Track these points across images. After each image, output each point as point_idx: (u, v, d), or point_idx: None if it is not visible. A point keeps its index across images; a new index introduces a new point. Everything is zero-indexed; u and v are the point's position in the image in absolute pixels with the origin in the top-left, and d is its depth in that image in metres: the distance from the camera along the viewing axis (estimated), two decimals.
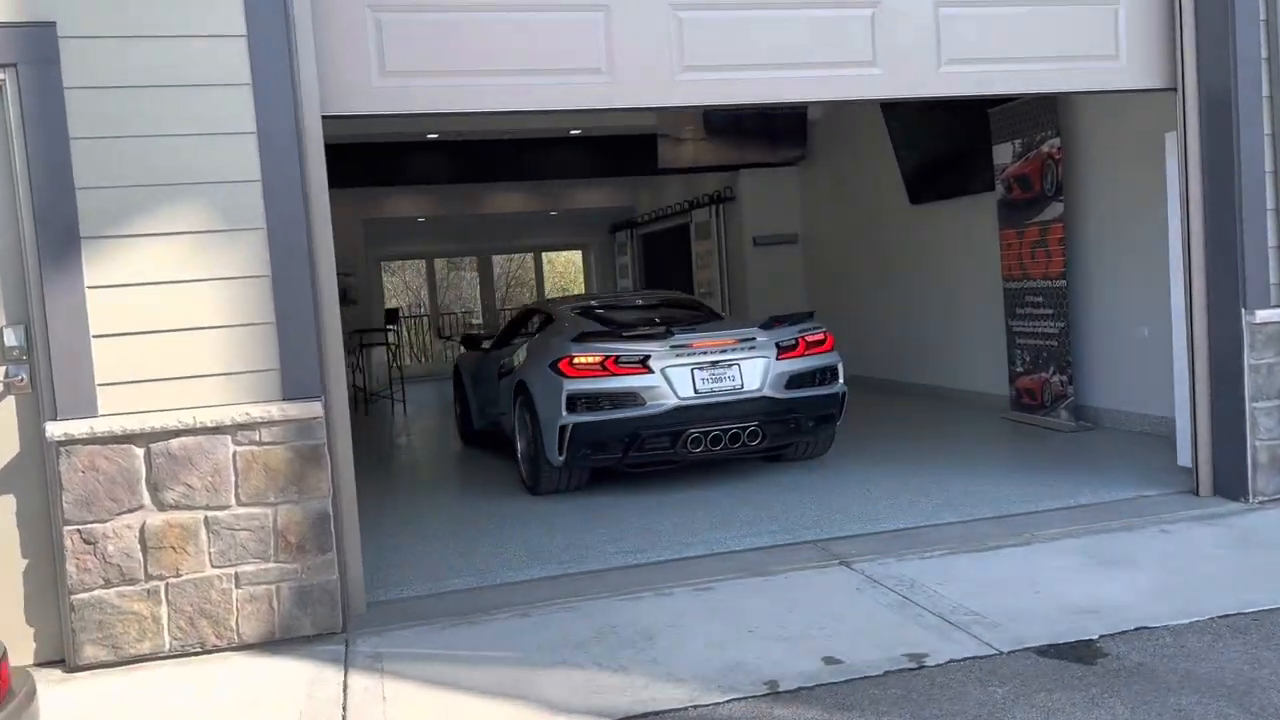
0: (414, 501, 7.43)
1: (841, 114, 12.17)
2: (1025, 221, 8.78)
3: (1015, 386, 9.13)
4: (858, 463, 7.66)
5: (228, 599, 4.46)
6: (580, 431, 6.86)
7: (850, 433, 8.93)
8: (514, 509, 6.95)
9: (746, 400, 7.01)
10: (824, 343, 7.45)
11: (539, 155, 12.71)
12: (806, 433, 7.40)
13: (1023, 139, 8.70)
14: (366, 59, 4.83)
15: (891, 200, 11.18)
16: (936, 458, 7.61)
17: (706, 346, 7.07)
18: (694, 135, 12.31)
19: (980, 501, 6.20)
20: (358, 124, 11.44)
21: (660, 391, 6.89)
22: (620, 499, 6.97)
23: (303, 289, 4.53)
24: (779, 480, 7.23)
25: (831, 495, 6.68)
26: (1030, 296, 8.80)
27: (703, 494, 6.95)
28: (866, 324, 12.02)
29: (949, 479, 6.86)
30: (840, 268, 12.58)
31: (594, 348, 7.00)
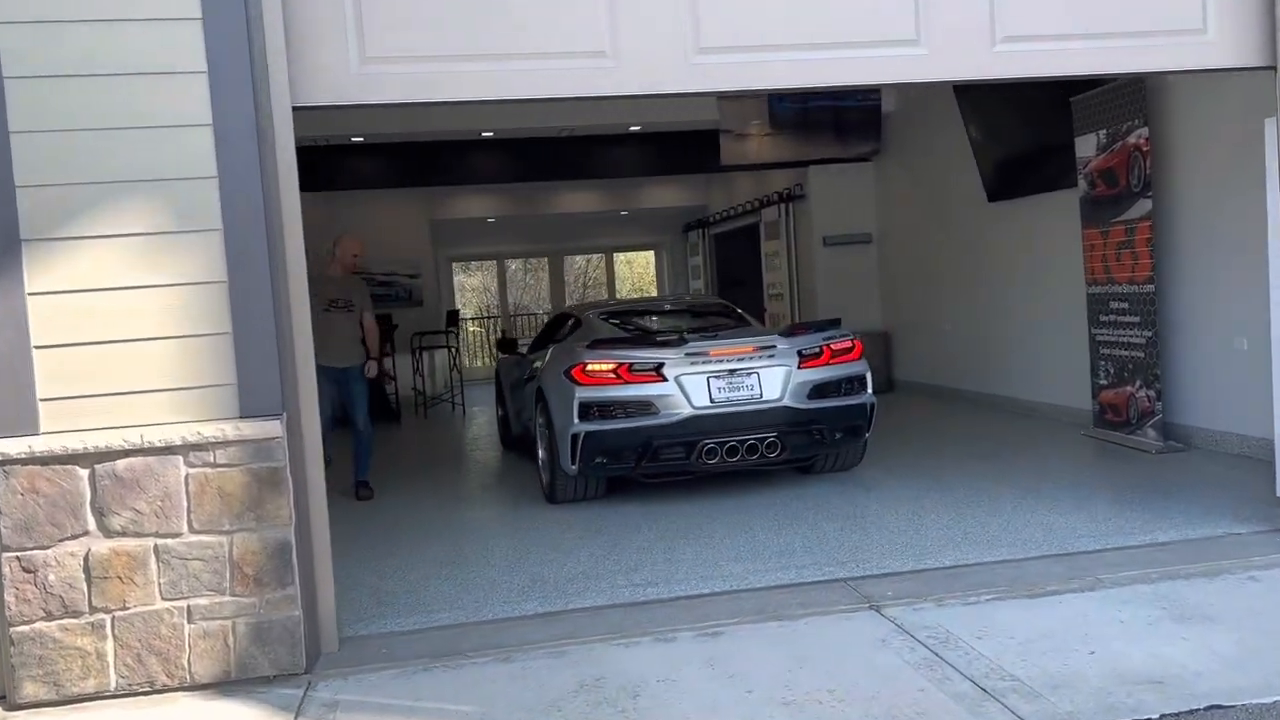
0: (433, 513, 7.03)
1: (918, 105, 11.44)
2: (1110, 220, 7.98)
3: (1098, 401, 8.33)
4: (914, 483, 7.00)
5: (179, 635, 4.08)
6: (592, 440, 6.48)
7: (913, 448, 8.26)
8: (530, 524, 6.50)
9: (765, 410, 6.57)
10: (851, 350, 6.91)
11: (601, 153, 12.26)
12: (831, 445, 6.86)
13: (1108, 129, 7.91)
14: (344, 45, 4.40)
15: (969, 198, 10.43)
16: (1003, 481, 6.90)
17: (723, 354, 6.62)
18: (759, 130, 11.71)
19: (1044, 535, 5.52)
20: (416, 120, 11.22)
21: (674, 400, 6.47)
22: (644, 517, 6.46)
23: (262, 296, 4.12)
24: (823, 503, 6.62)
25: (877, 522, 6.05)
26: (1115, 302, 8.00)
27: (736, 516, 6.39)
28: (950, 334, 11.26)
29: (1012, 506, 6.18)
30: (915, 270, 11.83)
31: (607, 355, 6.60)
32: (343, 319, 7.40)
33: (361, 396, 7.48)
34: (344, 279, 7.56)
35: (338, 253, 7.55)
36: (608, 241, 19.73)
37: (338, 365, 7.25)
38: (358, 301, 7.56)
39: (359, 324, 7.54)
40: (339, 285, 7.48)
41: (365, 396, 7.51)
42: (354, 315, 7.48)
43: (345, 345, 7.38)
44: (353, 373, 7.44)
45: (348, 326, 7.44)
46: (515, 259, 20.74)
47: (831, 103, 11.73)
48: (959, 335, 10.95)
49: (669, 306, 8.38)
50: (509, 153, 12.03)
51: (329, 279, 7.43)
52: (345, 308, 7.43)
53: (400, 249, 15.29)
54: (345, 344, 7.38)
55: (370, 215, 15.06)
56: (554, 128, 11.44)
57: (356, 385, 7.45)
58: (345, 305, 7.44)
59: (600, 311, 8.07)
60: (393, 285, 15.30)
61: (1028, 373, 9.74)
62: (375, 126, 11.00)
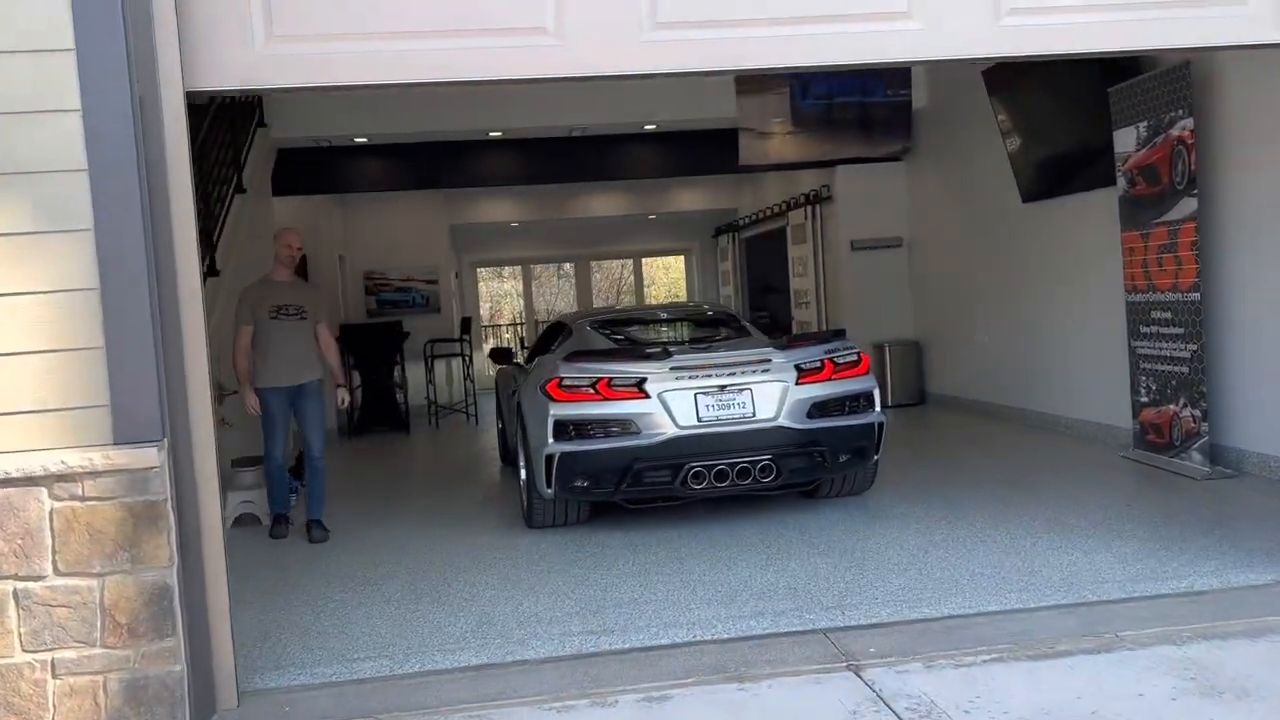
0: (404, 539, 6.50)
1: (949, 100, 10.74)
2: (1151, 221, 7.25)
3: (1139, 420, 7.59)
4: (926, 511, 6.34)
5: (42, 692, 3.57)
6: (568, 462, 5.93)
7: (933, 469, 7.59)
8: (500, 554, 5.94)
9: (758, 430, 5.97)
10: (857, 365, 6.28)
11: (617, 153, 11.71)
12: (834, 469, 6.23)
13: (1148, 121, 7.18)
14: (247, 21, 3.88)
15: (1003, 199, 9.71)
16: (1025, 510, 6.21)
17: (711, 368, 5.99)
18: (780, 128, 11.08)
19: (1062, 578, 4.84)
20: (422, 120, 10.77)
21: (656, 419, 5.90)
22: (623, 548, 5.88)
23: (140, 305, 3.60)
24: (820, 533, 5.98)
25: (876, 558, 5.40)
26: (1156, 312, 7.26)
27: (722, 547, 5.78)
28: (975, 340, 10.54)
29: (1031, 541, 5.50)
30: (948, 276, 11.11)
31: (584, 368, 6.02)
32: (293, 329, 6.54)
33: (317, 419, 6.64)
34: (295, 283, 6.79)
35: (277, 249, 6.66)
36: (636, 246, 19.17)
37: (288, 383, 6.52)
38: (311, 308, 6.66)
39: (313, 335, 6.66)
40: (288, 290, 6.66)
41: (322, 419, 6.74)
42: (307, 324, 6.61)
43: (297, 359, 6.54)
44: (308, 390, 6.58)
45: (299, 337, 6.58)
46: (541, 264, 20.23)
47: (858, 99, 11.08)
48: (993, 346, 10.22)
49: (665, 315, 7.80)
50: (521, 153, 11.53)
51: (274, 283, 6.62)
52: (297, 315, 6.57)
53: (417, 254, 14.88)
54: (297, 358, 6.54)
55: (386, 219, 14.68)
56: (563, 127, 10.92)
57: (312, 405, 6.59)
58: (296, 312, 6.58)
59: (591, 320, 7.51)
60: (409, 291, 14.87)
61: (1064, 388, 9.00)
62: (375, 126, 10.55)
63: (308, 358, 6.64)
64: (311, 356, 6.67)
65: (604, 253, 19.56)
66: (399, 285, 14.87)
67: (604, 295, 23.43)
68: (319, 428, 6.68)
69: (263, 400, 6.43)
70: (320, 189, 11.51)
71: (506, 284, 24.42)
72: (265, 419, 6.49)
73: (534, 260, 19.70)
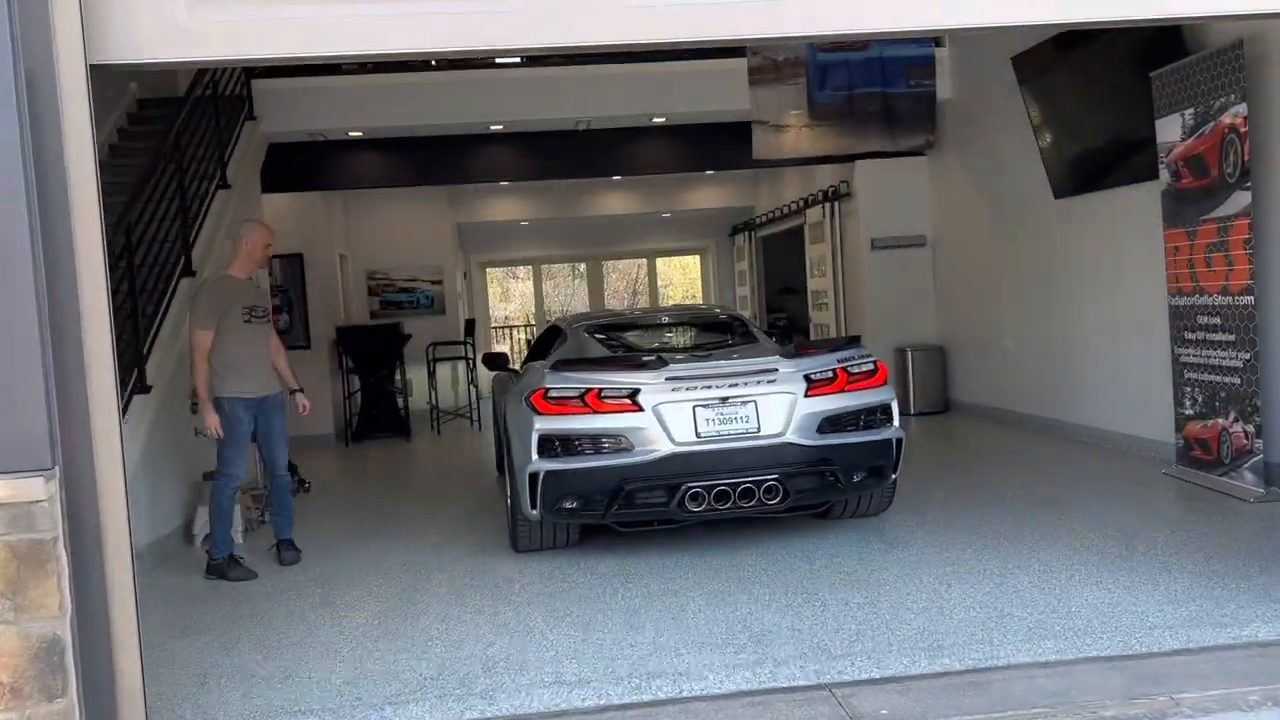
0: (376, 556, 5.99)
1: (976, 90, 10.13)
2: (1199, 218, 6.63)
3: (1183, 435, 6.97)
4: (950, 537, 5.75)
5: None
6: (553, 481, 5.40)
7: (958, 486, 7.00)
8: (479, 583, 5.41)
9: (764, 447, 5.42)
10: (873, 375, 5.71)
11: (626, 148, 11.14)
12: (848, 490, 5.65)
13: (1195, 108, 6.57)
14: None
15: (1034, 195, 9.10)
16: (1060, 536, 5.62)
17: (712, 379, 5.46)
18: (797, 121, 10.47)
19: (1104, 622, 4.25)
20: (419, 114, 10.27)
21: (651, 434, 5.37)
22: (614, 576, 5.34)
23: (25, 311, 3.09)
24: (831, 562, 5.41)
25: (893, 593, 4.83)
26: (1204, 317, 6.65)
27: (723, 578, 5.22)
28: (1004, 345, 9.92)
29: (1068, 575, 4.91)
30: (975, 276, 10.50)
31: (571, 378, 5.48)
32: (264, 334, 6.02)
33: (283, 433, 6.08)
34: (255, 281, 6.24)
35: (244, 245, 5.99)
36: (650, 245, 18.61)
37: (259, 394, 5.92)
38: (268, 310, 6.21)
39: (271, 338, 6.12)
40: (254, 289, 6.17)
41: (286, 433, 6.14)
42: (270, 327, 6.12)
43: (267, 368, 6.02)
44: (274, 403, 6.03)
45: (266, 343, 6.04)
46: (552, 264, 19.70)
47: (879, 89, 10.46)
48: (1023, 351, 9.60)
49: (667, 319, 7.23)
50: (525, 148, 10.99)
51: (238, 281, 5.99)
52: (265, 317, 6.06)
53: (422, 253, 14.38)
54: (267, 366, 6.02)
55: (389, 217, 14.21)
56: (568, 120, 10.37)
57: (278, 418, 6.04)
58: (264, 315, 6.07)
59: (587, 324, 6.97)
60: (414, 292, 14.39)
61: (1099, 398, 8.38)
62: (370, 120, 10.05)
63: (271, 362, 6.07)
64: (272, 363, 6.09)
65: (617, 252, 19.00)
66: (403, 286, 14.38)
67: (620, 296, 22.90)
68: (285, 442, 6.11)
69: (230, 414, 5.79)
70: (314, 185, 11.03)
71: (521, 284, 23.90)
72: (230, 436, 5.81)
73: (545, 260, 19.18)
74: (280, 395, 6.09)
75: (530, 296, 24.13)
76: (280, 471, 6.08)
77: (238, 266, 6.01)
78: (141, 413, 6.39)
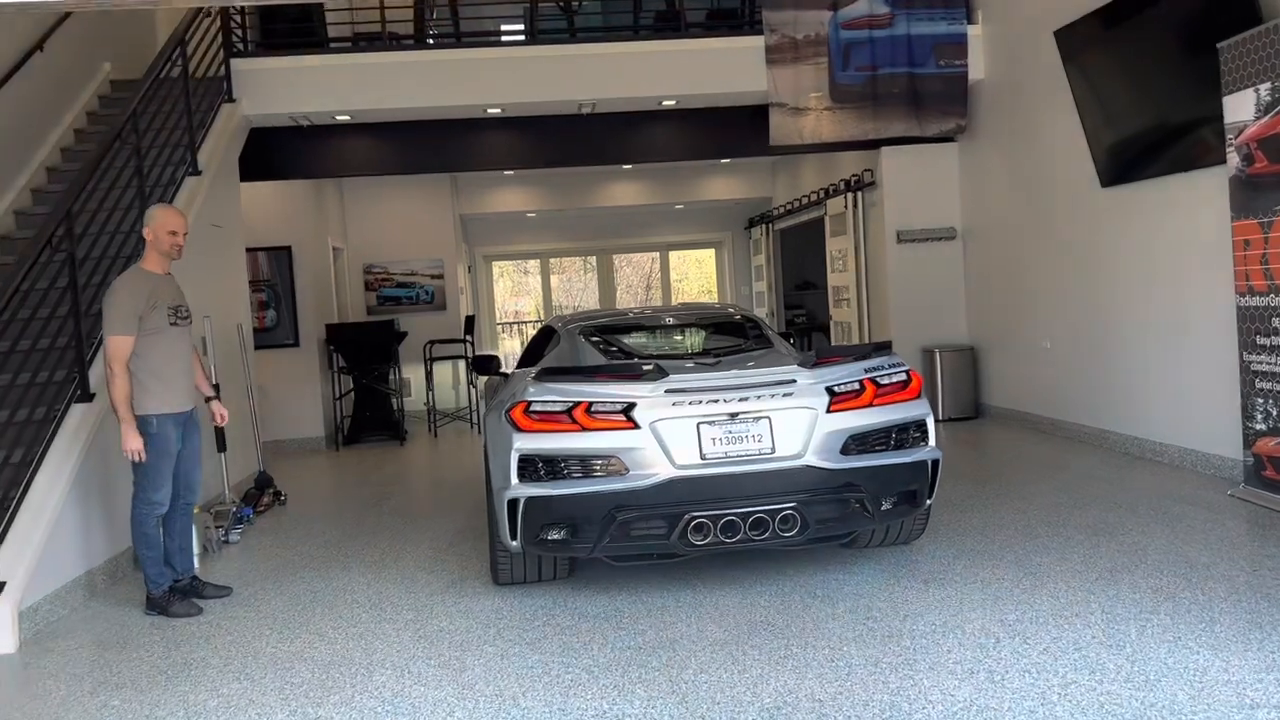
0: (338, 589, 5.29)
1: (1013, 70, 9.32)
2: (1274, 207, 5.84)
3: (1253, 451, 6.19)
4: (992, 572, 5.00)
5: None
6: (536, 509, 4.68)
7: (997, 507, 6.24)
8: (448, 625, 4.67)
9: (778, 471, 4.69)
10: (906, 387, 4.98)
11: (635, 133, 10.36)
12: (875, 519, 4.88)
13: (1272, 82, 5.78)
14: None
15: (1078, 183, 8.31)
16: (1121, 574, 4.86)
17: (719, 391, 4.73)
18: (817, 103, 9.72)
19: (1190, 694, 3.49)
20: (411, 96, 9.52)
21: (648, 455, 4.64)
22: (604, 619, 4.61)
23: None
24: (857, 606, 4.66)
25: (928, 649, 4.08)
26: (1279, 319, 5.88)
27: (731, 625, 4.48)
28: (1050, 351, 9.14)
29: (1139, 627, 4.15)
30: (1010, 272, 9.70)
31: (557, 390, 4.76)
32: (187, 336, 5.24)
33: (200, 454, 5.32)
34: (172, 278, 5.28)
35: (151, 233, 5.10)
36: (662, 239, 17.84)
37: (186, 408, 5.17)
38: (189, 310, 5.33)
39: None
40: (174, 287, 5.25)
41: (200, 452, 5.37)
42: (190, 330, 5.33)
43: (190, 374, 5.25)
44: (195, 418, 5.27)
45: (189, 346, 5.28)
46: (561, 257, 18.95)
47: (906, 70, 9.70)
48: (1062, 354, 8.81)
49: (672, 320, 6.45)
50: (527, 133, 10.22)
51: (157, 279, 5.11)
52: (188, 319, 5.27)
53: (422, 246, 13.69)
54: (190, 372, 5.25)
55: (387, 208, 13.54)
56: (571, 103, 9.61)
57: (198, 436, 5.27)
58: (188, 316, 5.27)
59: (583, 325, 6.22)
60: (413, 287, 13.69)
61: (1152, 407, 7.59)
62: (358, 102, 9.33)
63: (192, 370, 5.30)
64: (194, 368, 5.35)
65: (628, 245, 18.23)
66: (401, 280, 13.69)
67: (633, 291, 22.15)
68: (200, 464, 5.33)
69: (159, 433, 5.01)
70: (298, 173, 10.31)
71: (533, 279, 23.17)
72: (155, 456, 5.00)
73: (553, 254, 18.43)
74: (197, 410, 5.32)
75: (535, 292, 23.43)
76: (194, 498, 5.29)
77: (152, 260, 5.15)
78: (83, 422, 5.70)
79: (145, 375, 4.99)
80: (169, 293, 5.13)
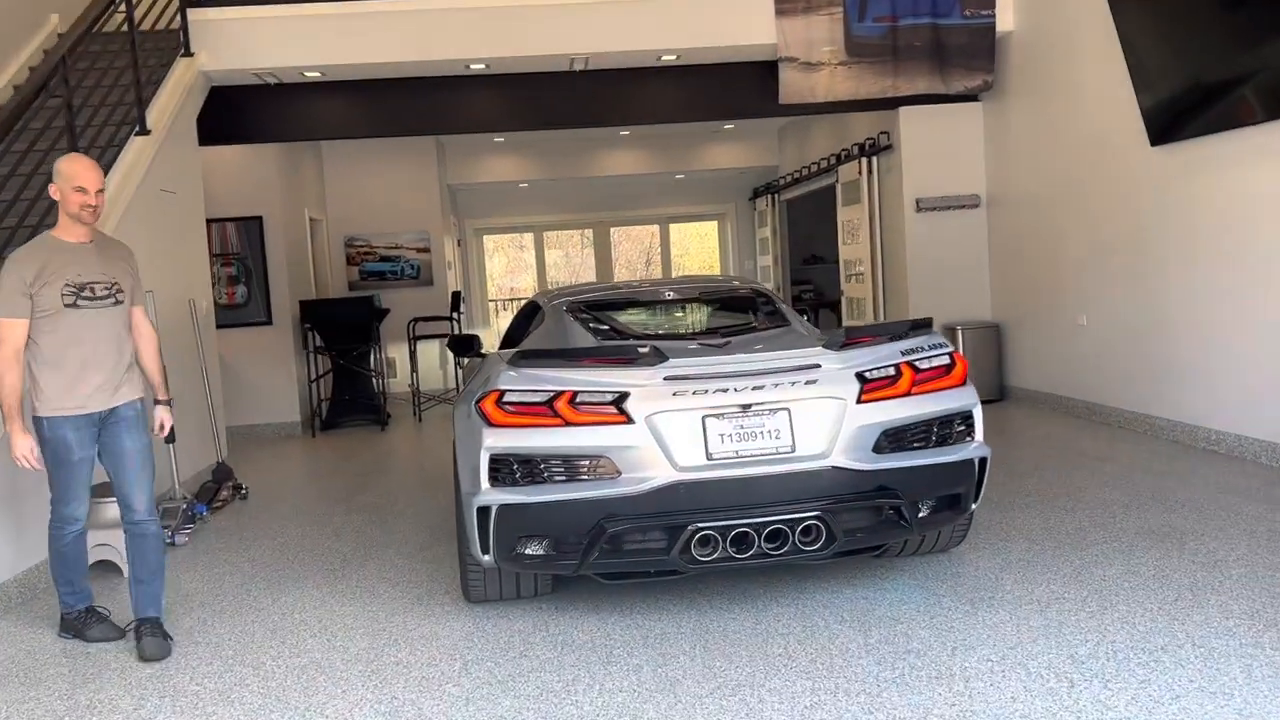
0: (287, 611, 4.54)
1: (1048, 20, 8.49)
2: None
3: None
4: (1046, 590, 4.24)
5: None
6: (510, 519, 3.92)
7: (1039, 504, 5.47)
8: (405, 655, 3.91)
9: (800, 474, 3.94)
10: (950, 371, 4.24)
11: (632, 92, 9.49)
12: (913, 528, 4.12)
13: None
14: None
15: (1122, 142, 7.50)
16: (1204, 593, 4.10)
17: (729, 378, 3.98)
18: (831, 58, 8.89)
19: None
20: (385, 49, 8.65)
21: (644, 455, 3.89)
22: (587, 649, 3.85)
23: None
24: (893, 630, 3.90)
25: (988, 695, 3.32)
26: None
27: (744, 656, 3.72)
28: (1085, 329, 8.36)
29: (1243, 667, 3.39)
30: (1039, 243, 8.90)
31: (537, 377, 4.00)
32: (103, 320, 4.14)
33: (142, 460, 4.23)
34: (100, 246, 4.23)
35: (57, 191, 4.11)
36: (662, 211, 17.03)
37: (97, 408, 4.14)
38: (127, 284, 4.25)
39: (128, 328, 4.26)
40: (91, 257, 4.16)
41: (148, 460, 4.27)
42: (121, 311, 4.23)
43: (110, 367, 4.16)
44: (125, 417, 4.21)
45: (111, 332, 4.18)
46: (556, 230, 18.11)
47: (928, 20, 8.87)
48: (1100, 331, 8.03)
49: (672, 294, 5.65)
50: (515, 91, 9.38)
51: (61, 248, 4.12)
52: (108, 298, 4.16)
53: (407, 218, 12.88)
54: (110, 364, 4.16)
55: (369, 177, 12.73)
56: (562, 58, 8.79)
57: (132, 440, 4.21)
58: (108, 293, 4.16)
59: (571, 300, 5.43)
60: (397, 261, 12.90)
61: (1207, 390, 6.81)
62: (328, 56, 8.52)
63: (123, 364, 4.22)
64: (128, 361, 4.25)
65: (626, 218, 17.39)
66: (385, 254, 12.89)
67: (632, 267, 21.34)
68: (144, 474, 4.24)
69: (52, 438, 4.10)
70: (268, 136, 9.49)
71: (527, 255, 22.34)
72: (56, 466, 4.13)
73: (547, 226, 17.61)
74: (137, 406, 4.30)
75: (531, 267, 22.60)
76: (140, 515, 4.23)
77: (64, 226, 4.17)
78: None
79: (36, 367, 4.07)
80: (78, 266, 4.11)
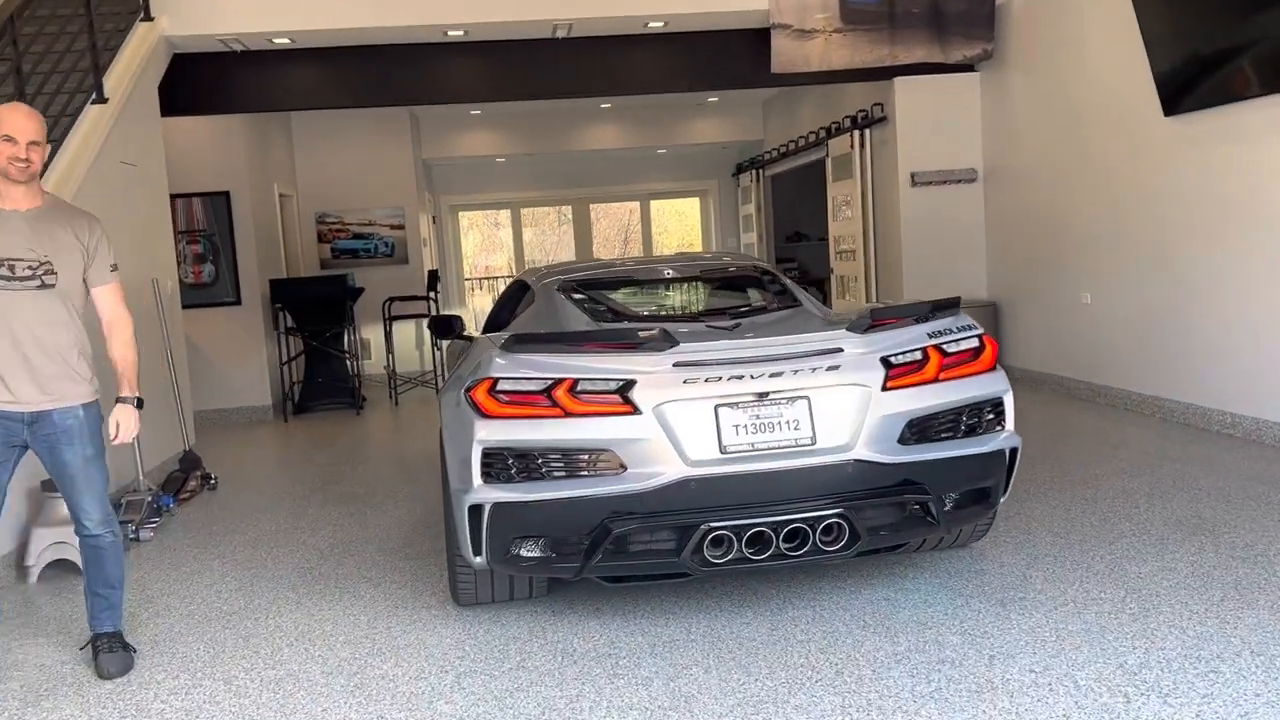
0: (260, 616, 4.18)
1: None
2: None
3: None
4: (1080, 591, 3.95)
5: None
6: (505, 518, 3.57)
7: (1057, 495, 5.16)
8: (388, 667, 3.55)
9: (822, 467, 3.61)
10: (979, 355, 3.95)
11: (615, 61, 9.11)
12: (940, 524, 3.81)
13: None
14: None
15: (1130, 111, 7.21)
16: (1250, 591, 3.82)
17: (744, 364, 3.65)
18: (825, 24, 8.54)
19: None
20: (358, 14, 8.22)
21: (651, 448, 3.55)
22: (589, 660, 3.51)
23: None
24: (920, 637, 3.59)
25: (1034, 713, 3.01)
26: None
27: (755, 676, 3.40)
28: (1089, 307, 8.08)
29: None
30: (1041, 217, 8.61)
31: (534, 363, 3.64)
32: (30, 305, 3.54)
33: (90, 470, 3.67)
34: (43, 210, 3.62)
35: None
36: (643, 187, 16.63)
37: (21, 408, 3.55)
38: (72, 258, 3.62)
39: (73, 310, 3.65)
40: (23, 226, 3.56)
41: (100, 469, 3.71)
42: (54, 295, 3.58)
43: (45, 359, 3.57)
44: (63, 422, 3.61)
45: (40, 319, 3.56)
46: (534, 206, 17.69)
47: None
48: (1106, 310, 7.76)
49: (673, 273, 5.28)
50: (493, 59, 8.97)
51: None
52: (34, 276, 3.53)
53: (381, 193, 12.43)
54: (44, 361, 3.56)
55: (341, 150, 12.25)
56: (544, 23, 8.38)
57: (74, 447, 3.63)
58: (38, 269, 3.54)
59: (562, 279, 5.06)
60: (370, 238, 12.45)
61: (1225, 372, 6.55)
62: (297, 21, 8.07)
63: (59, 355, 3.60)
64: (69, 353, 3.62)
65: (606, 194, 16.97)
66: (358, 231, 12.44)
67: (610, 246, 20.95)
68: (93, 484, 3.69)
69: None
70: (234, 107, 9.02)
71: (502, 233, 21.88)
72: None
73: (524, 203, 17.17)
74: (79, 411, 3.65)
75: (507, 245, 22.16)
76: (92, 529, 3.72)
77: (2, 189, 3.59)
78: None
79: None
80: (6, 236, 3.54)
